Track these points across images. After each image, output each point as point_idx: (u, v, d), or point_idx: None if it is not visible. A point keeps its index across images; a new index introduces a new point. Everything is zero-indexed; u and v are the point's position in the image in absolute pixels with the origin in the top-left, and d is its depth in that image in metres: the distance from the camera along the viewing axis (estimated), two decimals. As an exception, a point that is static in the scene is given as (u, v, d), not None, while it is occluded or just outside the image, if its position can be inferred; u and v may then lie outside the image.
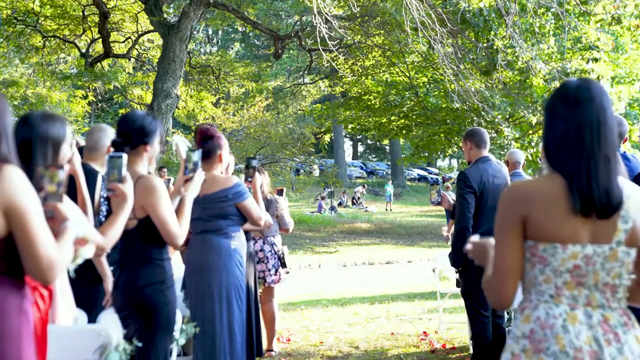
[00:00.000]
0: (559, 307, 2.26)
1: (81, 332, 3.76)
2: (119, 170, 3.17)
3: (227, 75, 24.80)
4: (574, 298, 2.26)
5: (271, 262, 6.99)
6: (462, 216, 5.63)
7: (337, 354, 7.22)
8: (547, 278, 2.28)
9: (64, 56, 23.50)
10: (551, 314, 2.26)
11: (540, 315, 2.28)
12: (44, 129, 2.69)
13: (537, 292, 2.31)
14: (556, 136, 2.31)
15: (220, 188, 4.82)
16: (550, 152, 2.33)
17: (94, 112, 33.17)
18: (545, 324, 2.26)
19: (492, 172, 5.75)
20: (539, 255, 2.28)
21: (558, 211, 2.24)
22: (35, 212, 2.25)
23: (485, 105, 15.34)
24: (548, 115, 2.36)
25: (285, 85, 34.27)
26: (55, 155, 2.65)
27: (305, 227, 24.61)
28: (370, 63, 21.84)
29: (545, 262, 2.27)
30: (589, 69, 15.29)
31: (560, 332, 2.23)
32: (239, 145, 24.70)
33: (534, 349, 2.25)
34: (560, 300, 2.27)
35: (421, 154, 22.93)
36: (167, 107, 16.80)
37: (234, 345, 4.80)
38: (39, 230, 2.24)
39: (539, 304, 2.30)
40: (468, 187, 5.63)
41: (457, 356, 7.08)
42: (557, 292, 2.27)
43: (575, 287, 2.26)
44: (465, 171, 5.75)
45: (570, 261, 2.24)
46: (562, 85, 2.39)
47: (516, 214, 2.29)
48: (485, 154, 5.84)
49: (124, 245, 3.83)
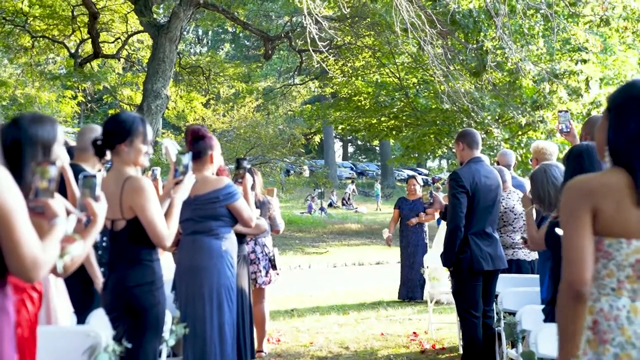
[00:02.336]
0: (621, 300, 2.35)
1: (71, 333, 3.75)
2: (92, 189, 3.14)
3: (217, 76, 24.74)
4: (634, 291, 2.35)
5: (262, 263, 6.99)
6: (455, 216, 5.64)
7: (327, 355, 7.22)
8: (611, 272, 2.37)
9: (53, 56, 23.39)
10: (614, 306, 2.35)
11: (603, 307, 2.36)
12: (34, 131, 2.68)
13: (599, 286, 2.39)
14: (628, 134, 2.38)
15: (211, 189, 4.81)
16: (619, 150, 2.40)
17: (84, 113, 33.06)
18: (609, 316, 2.34)
19: (484, 173, 5.77)
20: (603, 250, 2.37)
21: (624, 205, 2.33)
22: (19, 212, 2.24)
23: (475, 106, 15.36)
24: (618, 114, 2.42)
25: (276, 86, 34.22)
26: (46, 157, 2.65)
27: (295, 227, 24.59)
28: (360, 64, 21.85)
29: (610, 257, 2.36)
30: (577, 70, 15.34)
31: (625, 323, 2.32)
32: (229, 146, 24.65)
33: (600, 340, 2.33)
34: (622, 293, 2.35)
35: (411, 154, 22.94)
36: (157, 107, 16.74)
37: (225, 347, 4.79)
38: (23, 229, 2.23)
39: (601, 296, 2.38)
40: (460, 187, 5.64)
41: (447, 356, 7.10)
42: (618, 285, 2.36)
43: (636, 281, 2.35)
44: (457, 171, 5.77)
45: (634, 256, 2.33)
46: (629, 84, 2.47)
47: (587, 206, 2.36)
48: (478, 155, 5.86)
49: (113, 247, 3.83)
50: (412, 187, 10.82)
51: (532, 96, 16.18)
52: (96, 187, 3.13)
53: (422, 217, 10.59)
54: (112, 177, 3.81)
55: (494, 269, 5.71)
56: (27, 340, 3.23)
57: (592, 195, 2.35)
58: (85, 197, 3.12)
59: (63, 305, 3.82)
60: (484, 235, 5.72)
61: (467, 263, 5.63)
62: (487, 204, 5.74)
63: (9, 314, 2.34)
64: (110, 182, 3.76)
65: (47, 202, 2.52)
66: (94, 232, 3.16)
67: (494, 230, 5.83)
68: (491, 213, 5.78)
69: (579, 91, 15.28)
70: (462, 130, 6.15)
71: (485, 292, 5.76)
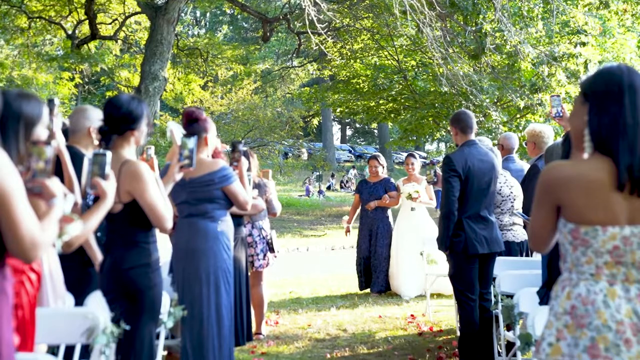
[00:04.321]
0: (599, 284, 2.39)
1: (69, 315, 3.76)
2: (101, 167, 3.14)
3: (215, 58, 24.63)
4: (612, 275, 2.38)
5: (259, 246, 7.00)
6: (448, 200, 5.65)
7: (325, 337, 7.25)
8: (589, 259, 2.40)
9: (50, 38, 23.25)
10: (592, 290, 2.38)
11: (581, 292, 2.40)
12: (17, 106, 2.63)
13: (578, 272, 2.43)
14: (610, 121, 2.40)
15: (207, 171, 4.81)
16: (600, 138, 2.41)
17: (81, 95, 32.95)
18: (586, 300, 2.38)
19: (478, 156, 5.75)
20: (580, 238, 2.40)
21: (598, 195, 2.36)
22: (17, 192, 2.23)
23: (474, 89, 15.33)
24: (599, 101, 2.44)
25: (274, 68, 34.09)
26: (27, 135, 2.60)
27: (294, 210, 24.62)
28: (359, 46, 21.75)
29: (587, 244, 2.39)
30: (576, 52, 15.30)
31: (601, 307, 2.35)
32: (227, 129, 24.61)
33: (577, 324, 2.37)
34: (600, 277, 2.39)
35: (409, 137, 22.91)
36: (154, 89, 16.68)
37: (222, 329, 4.81)
38: (22, 209, 2.23)
39: (579, 281, 2.42)
40: (452, 171, 5.64)
41: (445, 339, 7.13)
42: (597, 271, 2.40)
43: (615, 266, 2.38)
44: (450, 155, 5.76)
45: (610, 242, 2.37)
46: (607, 71, 2.48)
47: (550, 200, 2.44)
48: (472, 138, 5.85)
49: (109, 229, 3.83)
50: (374, 168, 9.72)
51: (531, 79, 16.14)
52: (106, 166, 3.14)
53: (386, 200, 9.46)
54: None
55: (489, 252, 5.72)
56: (27, 322, 3.24)
57: (557, 188, 2.41)
58: (95, 175, 3.13)
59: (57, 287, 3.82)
60: (479, 219, 5.72)
61: (462, 246, 5.64)
62: (482, 187, 5.73)
63: (8, 296, 2.34)
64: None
65: (44, 182, 2.51)
66: (103, 210, 3.17)
67: (490, 213, 5.83)
68: (486, 196, 5.77)
69: (578, 74, 15.24)
70: (455, 113, 6.10)
71: (482, 275, 5.77)
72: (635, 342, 2.30)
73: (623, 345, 2.30)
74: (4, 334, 2.28)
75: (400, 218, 9.60)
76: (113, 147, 3.81)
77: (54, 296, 3.79)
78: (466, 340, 5.72)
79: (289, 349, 6.79)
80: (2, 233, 2.26)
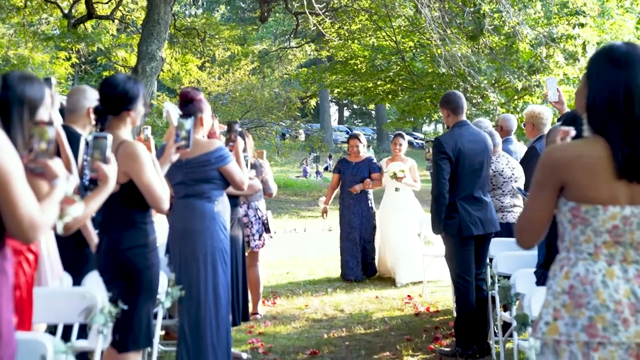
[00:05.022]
0: (597, 264, 2.39)
1: (67, 295, 3.77)
2: (102, 151, 3.12)
3: (213, 38, 24.51)
4: (611, 255, 2.38)
5: (255, 227, 7.01)
6: (438, 183, 5.66)
7: (322, 317, 7.28)
8: (588, 238, 2.40)
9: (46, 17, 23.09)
10: (590, 270, 2.38)
11: (579, 272, 2.40)
12: (21, 89, 2.62)
13: (577, 251, 2.43)
14: (604, 100, 2.39)
15: (203, 152, 4.79)
16: (595, 117, 2.41)
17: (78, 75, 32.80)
18: (585, 280, 2.38)
19: (469, 137, 5.73)
20: (580, 217, 2.40)
21: (600, 174, 2.35)
22: (17, 173, 2.23)
23: (472, 70, 15.29)
24: (594, 78, 2.43)
25: (271, 48, 33.95)
26: (31, 118, 2.60)
27: (291, 191, 24.63)
28: (357, 27, 21.65)
29: (587, 223, 2.39)
30: (575, 34, 15.25)
31: (600, 287, 2.36)
32: (225, 109, 24.54)
33: (575, 304, 2.37)
34: (599, 257, 2.39)
35: (407, 118, 22.90)
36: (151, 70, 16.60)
37: (219, 309, 4.82)
38: (21, 191, 2.23)
39: (578, 261, 2.41)
40: (442, 153, 5.64)
41: (441, 319, 7.16)
42: (595, 250, 2.39)
43: (613, 246, 2.38)
44: (439, 137, 5.76)
45: (610, 222, 2.37)
46: (609, 47, 2.47)
47: (554, 180, 2.41)
48: (463, 119, 5.84)
49: (106, 210, 3.82)
50: (355, 147, 9.19)
51: (529, 60, 16.10)
52: (107, 149, 3.12)
53: (368, 184, 9.00)
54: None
55: (484, 233, 5.72)
56: (24, 302, 3.25)
57: (561, 168, 2.39)
58: (95, 159, 3.11)
59: (54, 267, 3.83)
60: (473, 200, 5.72)
61: (456, 229, 5.64)
62: (474, 167, 5.72)
63: (8, 276, 2.35)
64: None
65: (46, 163, 2.51)
66: (104, 194, 3.16)
67: (484, 193, 5.83)
68: (480, 177, 5.76)
69: (576, 55, 15.21)
70: (445, 95, 6.07)
71: (477, 256, 5.78)
72: (633, 322, 2.31)
73: (621, 325, 2.31)
74: (3, 314, 2.29)
75: (385, 199, 9.29)
76: (109, 127, 3.79)
77: (52, 276, 3.80)
78: (463, 322, 5.75)
79: (286, 329, 6.82)
80: (1, 214, 2.26)
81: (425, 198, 11.05)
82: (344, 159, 9.37)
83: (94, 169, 3.12)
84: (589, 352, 2.33)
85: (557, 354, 2.38)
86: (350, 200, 9.11)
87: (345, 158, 9.40)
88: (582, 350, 2.34)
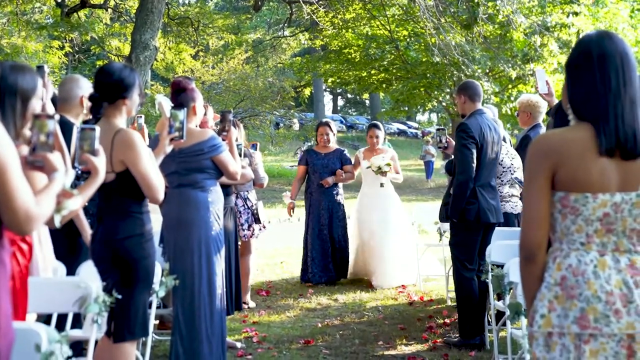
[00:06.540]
0: (590, 254, 2.37)
1: (61, 284, 3.77)
2: (91, 143, 3.09)
3: (206, 27, 24.41)
4: (603, 245, 2.37)
5: (244, 216, 7.00)
6: (467, 166, 5.58)
7: (316, 306, 7.30)
8: (579, 227, 2.38)
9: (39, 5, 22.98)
10: (582, 260, 2.37)
11: (572, 263, 2.38)
12: (13, 80, 2.60)
13: (569, 241, 2.41)
14: (584, 88, 2.40)
15: (196, 141, 4.78)
16: (577, 107, 2.42)
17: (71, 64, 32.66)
18: (577, 271, 2.36)
19: (489, 125, 5.76)
20: (570, 206, 2.37)
21: (588, 160, 2.34)
22: (13, 164, 2.22)
23: (466, 59, 15.30)
24: (573, 70, 2.45)
25: (265, 38, 33.85)
26: (23, 109, 2.58)
27: (285, 180, 24.61)
28: (351, 16, 21.58)
29: (577, 212, 2.37)
30: (569, 22, 15.26)
31: (591, 277, 2.34)
32: (219, 99, 24.46)
33: (567, 295, 2.36)
34: (591, 247, 2.37)
35: (401, 108, 22.90)
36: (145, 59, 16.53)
37: (214, 298, 4.83)
38: (17, 182, 2.22)
39: (570, 252, 2.40)
40: (471, 138, 5.58)
41: (435, 308, 7.19)
42: (587, 239, 2.37)
43: (605, 234, 2.36)
44: (465, 122, 5.69)
45: (600, 209, 2.35)
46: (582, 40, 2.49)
47: (547, 165, 2.37)
48: (480, 107, 5.83)
49: (101, 199, 3.82)
50: (325, 136, 8.33)
51: (523, 49, 16.12)
52: (95, 140, 3.09)
53: (340, 175, 8.26)
54: (102, 130, 3.77)
55: (497, 221, 5.75)
56: (18, 292, 3.25)
57: (552, 153, 2.37)
58: (84, 150, 3.09)
59: (46, 257, 3.82)
60: (490, 188, 5.74)
61: (474, 215, 5.63)
62: (492, 156, 5.75)
63: (6, 266, 2.34)
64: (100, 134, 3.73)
65: (46, 156, 2.50)
66: (94, 186, 3.15)
67: (495, 182, 5.87)
68: (495, 165, 5.83)
69: (570, 44, 15.21)
70: (463, 82, 6.08)
71: (483, 245, 5.75)
72: (625, 313, 2.30)
73: (613, 316, 2.29)
74: (2, 304, 2.29)
75: (366, 195, 8.53)
76: (104, 115, 3.78)
77: (44, 266, 3.79)
78: (465, 310, 5.71)
79: (280, 318, 6.83)
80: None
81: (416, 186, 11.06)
82: (312, 150, 8.58)
83: (83, 161, 3.10)
84: (581, 344, 2.31)
85: (548, 346, 2.37)
86: (320, 194, 8.31)
87: (313, 149, 8.61)
88: (574, 343, 2.33)
